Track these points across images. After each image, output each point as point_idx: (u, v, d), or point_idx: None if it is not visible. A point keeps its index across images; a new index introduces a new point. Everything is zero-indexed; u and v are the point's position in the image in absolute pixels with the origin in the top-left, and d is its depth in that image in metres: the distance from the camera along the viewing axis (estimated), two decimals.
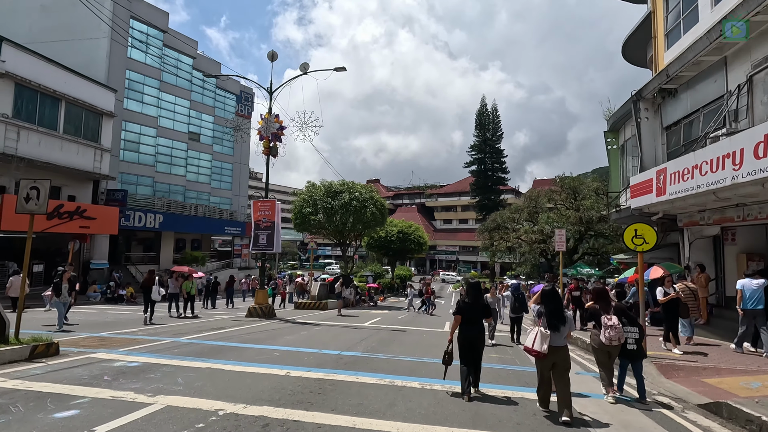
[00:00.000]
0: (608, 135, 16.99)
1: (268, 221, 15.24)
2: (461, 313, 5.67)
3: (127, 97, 28.56)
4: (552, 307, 5.06)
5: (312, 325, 13.30)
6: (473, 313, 5.67)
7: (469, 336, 5.60)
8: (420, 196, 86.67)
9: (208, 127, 38.61)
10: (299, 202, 24.40)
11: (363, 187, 25.04)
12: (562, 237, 14.12)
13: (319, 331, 11.87)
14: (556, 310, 5.04)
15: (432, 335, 11.94)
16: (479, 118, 62.91)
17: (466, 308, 5.68)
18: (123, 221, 25.48)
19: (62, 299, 10.54)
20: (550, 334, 4.89)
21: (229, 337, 10.04)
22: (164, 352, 7.67)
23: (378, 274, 41.95)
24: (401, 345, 9.90)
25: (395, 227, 39.98)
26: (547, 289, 5.28)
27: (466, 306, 5.70)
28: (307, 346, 9.12)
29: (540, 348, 4.85)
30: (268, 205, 15.39)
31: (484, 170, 61.41)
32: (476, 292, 5.85)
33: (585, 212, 29.52)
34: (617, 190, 16.60)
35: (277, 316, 15.74)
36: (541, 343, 4.87)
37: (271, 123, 15.53)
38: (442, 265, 76.26)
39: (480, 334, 5.69)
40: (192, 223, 33.65)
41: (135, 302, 21.35)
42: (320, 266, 72.69)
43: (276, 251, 15.58)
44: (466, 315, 5.65)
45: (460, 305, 5.75)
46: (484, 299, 6.47)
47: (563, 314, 5.03)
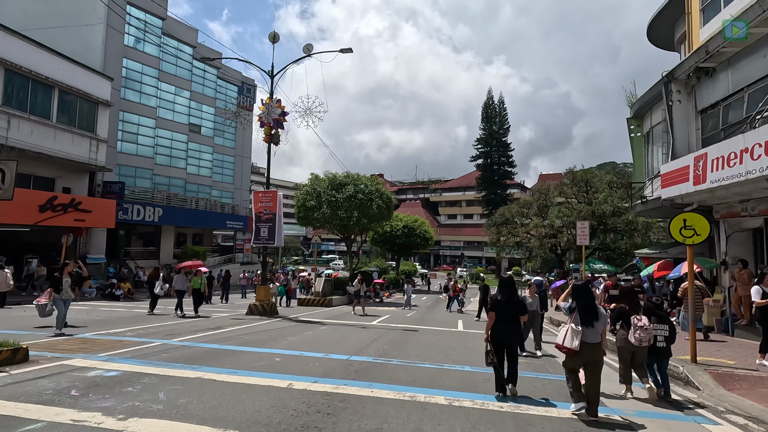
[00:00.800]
0: (632, 122, 15.92)
1: (270, 213, 14.31)
2: (495, 310, 5.49)
3: (124, 86, 27.62)
4: (585, 302, 4.88)
5: (317, 324, 12.39)
6: (508, 310, 5.50)
7: (504, 333, 5.45)
8: (424, 191, 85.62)
9: (209, 119, 37.65)
10: (302, 195, 23.48)
11: (368, 180, 24.09)
12: (585, 230, 13.12)
13: (325, 331, 10.96)
14: (589, 305, 4.87)
15: (447, 336, 11.01)
16: (486, 111, 61.65)
17: (500, 305, 5.50)
18: (121, 214, 24.63)
19: (63, 295, 9.06)
20: (582, 330, 4.72)
21: (227, 338, 9.14)
22: (150, 358, 6.77)
23: (383, 270, 41.05)
24: (415, 347, 8.97)
25: (400, 222, 39.03)
26: (580, 284, 5.13)
27: (501, 303, 5.52)
28: (312, 349, 8.21)
29: (571, 344, 4.69)
30: (270, 196, 14.46)
31: (490, 164, 60.23)
32: (510, 289, 5.68)
33: (598, 206, 28.43)
34: (641, 180, 15.57)
35: (279, 313, 14.86)
36: (572, 339, 4.71)
37: (272, 108, 14.56)
38: (446, 260, 75.39)
39: (516, 332, 5.54)
40: (193, 217, 32.78)
41: (133, 298, 20.54)
42: (324, 261, 72.01)
43: (278, 245, 14.66)
44: (501, 312, 5.47)
45: (494, 302, 5.58)
46: (518, 295, 6.12)
47: (596, 310, 4.86)
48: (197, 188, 36.03)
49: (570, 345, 4.70)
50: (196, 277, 13.73)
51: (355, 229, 24.73)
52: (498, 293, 5.74)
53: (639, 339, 5.41)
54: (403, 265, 46.31)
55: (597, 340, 4.79)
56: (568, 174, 32.58)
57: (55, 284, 9.15)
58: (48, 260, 20.15)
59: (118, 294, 20.20)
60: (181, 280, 13.47)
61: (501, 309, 5.46)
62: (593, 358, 4.77)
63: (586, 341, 4.70)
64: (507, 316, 5.45)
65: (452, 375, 6.58)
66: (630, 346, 5.53)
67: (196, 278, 13.70)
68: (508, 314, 5.47)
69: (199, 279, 13.78)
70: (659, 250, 13.87)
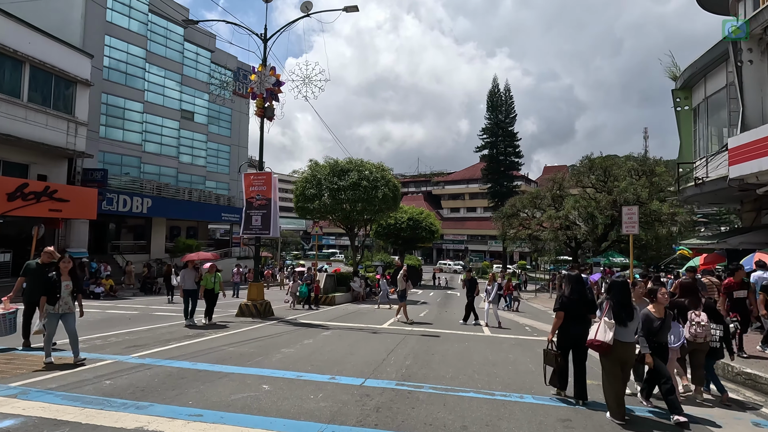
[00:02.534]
0: (678, 94, 13.90)
1: (263, 198, 12.33)
2: (565, 309, 5.14)
3: (108, 66, 25.51)
4: (620, 298, 4.67)
5: (318, 329, 10.44)
6: (579, 309, 5.14)
7: (574, 334, 5.07)
8: (426, 184, 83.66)
9: (203, 105, 35.59)
10: (301, 183, 21.46)
11: (373, 166, 22.03)
12: (634, 216, 11.11)
13: (329, 339, 9.01)
14: (626, 302, 4.66)
15: (477, 343, 9.06)
16: (491, 100, 59.28)
17: (570, 304, 5.14)
18: (104, 205, 22.65)
19: (61, 308, 5.91)
20: (615, 326, 4.51)
21: (205, 351, 7.19)
22: (86, 388, 4.82)
23: (388, 264, 39.14)
24: (445, 363, 7.02)
25: (405, 214, 37.04)
26: (619, 280, 4.90)
27: (571, 301, 5.15)
28: (314, 367, 6.26)
29: (604, 337, 4.50)
30: (263, 178, 12.46)
31: (496, 154, 57.96)
32: (581, 286, 5.28)
33: (620, 195, 26.37)
34: (689, 160, 13.57)
35: (275, 314, 12.93)
36: (605, 332, 4.52)
37: (265, 77, 12.53)
38: (449, 254, 73.63)
39: (586, 332, 4.93)
40: (186, 209, 30.76)
41: (115, 296, 18.62)
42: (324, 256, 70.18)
43: (273, 236, 12.70)
44: (571, 311, 5.11)
45: (564, 300, 5.20)
46: (588, 293, 5.50)
47: (632, 308, 4.67)
48: (191, 178, 34.06)
49: (603, 338, 4.49)
50: (209, 274, 10.62)
51: (360, 221, 22.74)
52: (569, 291, 5.23)
53: (694, 335, 5.34)
54: (407, 260, 44.38)
55: (631, 339, 4.61)
56: (584, 161, 30.42)
57: (48, 290, 5.87)
58: (24, 255, 18.22)
59: (99, 292, 18.25)
60: (189, 277, 10.43)
61: (571, 307, 5.09)
62: (629, 358, 4.61)
63: (620, 339, 4.52)
64: (577, 315, 5.09)
65: (514, 412, 4.63)
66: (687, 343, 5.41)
67: (209, 275, 10.60)
68: (579, 312, 5.10)
69: (212, 276, 10.64)
70: (717, 240, 11.89)
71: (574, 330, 5.04)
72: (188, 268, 10.75)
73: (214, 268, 10.82)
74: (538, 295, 27.19)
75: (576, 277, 5.39)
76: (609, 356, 4.54)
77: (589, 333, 4.71)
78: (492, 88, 59.70)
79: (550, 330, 5.43)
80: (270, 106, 12.82)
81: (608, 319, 4.59)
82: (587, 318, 5.13)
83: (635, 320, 4.62)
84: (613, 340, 4.45)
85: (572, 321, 5.07)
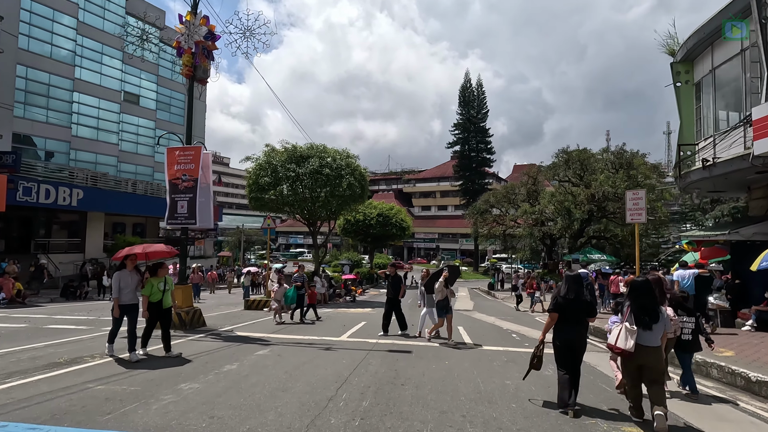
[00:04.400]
0: (678, 67, 12.34)
1: (190, 179, 9.78)
2: (559, 311, 4.67)
3: (27, 34, 21.93)
4: (643, 301, 4.37)
5: (255, 345, 8.05)
6: (574, 311, 4.64)
7: (569, 338, 4.65)
8: (397, 182, 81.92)
9: (150, 88, 32.19)
10: (255, 170, 18.86)
11: (337, 153, 19.69)
12: (640, 201, 9.33)
13: (261, 362, 6.65)
14: (649, 304, 4.33)
15: (462, 360, 6.92)
16: (463, 95, 58.02)
17: (565, 305, 4.64)
18: (20, 195, 19.26)
19: None
20: (637, 331, 4.24)
21: (53, 394, 4.69)
22: None
23: (355, 263, 36.82)
24: (422, 400, 4.83)
25: (375, 209, 34.90)
26: (639, 280, 4.59)
27: (566, 302, 4.64)
28: (209, 425, 3.92)
29: (625, 345, 4.25)
30: (190, 154, 9.91)
31: (468, 151, 56.73)
32: (578, 287, 4.73)
33: (598, 189, 25.19)
34: (691, 141, 12.03)
35: (207, 325, 10.41)
36: (626, 338, 4.26)
37: (195, 27, 9.98)
38: (420, 253, 72.19)
39: (582, 337, 4.70)
40: (129, 203, 27.32)
41: (24, 303, 15.42)
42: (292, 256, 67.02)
43: (203, 226, 10.16)
44: (565, 313, 4.63)
45: (558, 301, 4.69)
46: (586, 295, 4.82)
47: (657, 309, 4.32)
48: (136, 169, 30.58)
49: (624, 345, 4.26)
50: (154, 279, 6.81)
51: (322, 214, 20.35)
52: (564, 290, 4.70)
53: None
54: (377, 258, 42.24)
55: (656, 343, 4.28)
56: (560, 154, 29.17)
57: None
58: None
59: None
60: (127, 283, 6.62)
61: (566, 309, 4.63)
62: (650, 363, 4.25)
63: (642, 344, 4.25)
64: (572, 317, 4.64)
65: None
66: None
67: (154, 281, 6.79)
68: (574, 315, 4.64)
69: (158, 282, 6.81)
70: (728, 230, 10.32)
71: (568, 333, 4.67)
72: (126, 270, 6.66)
73: (166, 270, 7.06)
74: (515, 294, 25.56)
75: (574, 276, 4.87)
76: (629, 360, 4.35)
77: (612, 338, 4.45)
78: (464, 83, 58.51)
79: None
80: (203, 65, 10.28)
81: (629, 324, 4.32)
82: (584, 321, 4.74)
83: (661, 322, 4.30)
84: (636, 346, 4.23)
85: (566, 324, 4.68)
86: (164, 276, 6.93)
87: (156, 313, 6.83)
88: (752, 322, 10.11)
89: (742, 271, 11.09)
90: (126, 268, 6.69)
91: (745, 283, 10.66)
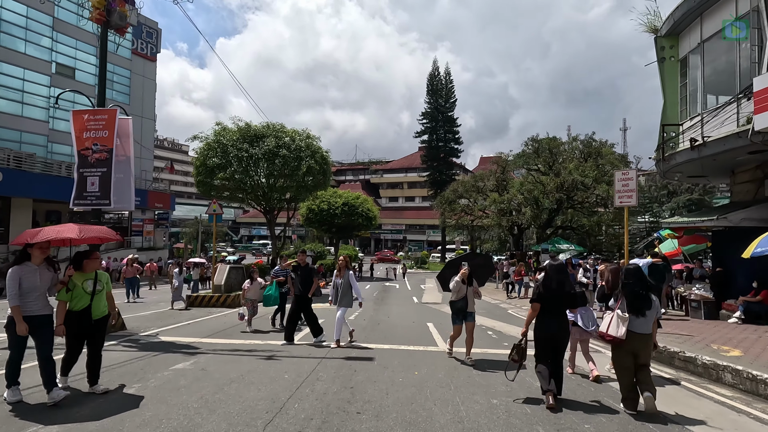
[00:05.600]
0: (663, 41, 11.51)
1: (103, 149, 7.91)
2: (541, 301, 4.52)
3: None
4: (636, 287, 4.32)
5: (175, 356, 6.42)
6: (556, 302, 4.53)
7: (550, 329, 4.47)
8: (364, 172, 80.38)
9: (89, 60, 28.97)
10: (203, 150, 16.82)
11: (296, 133, 17.93)
12: (630, 182, 8.34)
13: (170, 383, 5.06)
14: (641, 291, 4.30)
15: (436, 370, 5.61)
16: (431, 83, 56.82)
17: (547, 296, 4.50)
18: None
19: None
20: (629, 318, 4.20)
21: None
22: None
23: (318, 254, 35.11)
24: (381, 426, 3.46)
25: (340, 198, 33.30)
26: (631, 267, 4.56)
27: (548, 293, 4.51)
28: None
29: (617, 332, 4.22)
30: (103, 119, 8.01)
31: (436, 140, 55.75)
32: (562, 276, 4.60)
33: (567, 176, 24.72)
34: (676, 121, 11.25)
35: (128, 327, 8.64)
36: (618, 326, 4.23)
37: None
38: (387, 244, 71.30)
39: (562, 330, 4.54)
40: (62, 188, 24.20)
41: None
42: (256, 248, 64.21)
43: (120, 207, 8.33)
44: (547, 304, 4.51)
45: (540, 291, 4.57)
46: (570, 285, 4.74)
47: (649, 297, 4.29)
48: (71, 150, 27.40)
49: (615, 333, 4.23)
50: (80, 276, 4.55)
51: (276, 200, 18.57)
52: (547, 280, 4.55)
53: None
54: (342, 250, 40.68)
55: (648, 331, 4.25)
56: (530, 142, 28.56)
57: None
58: None
59: None
60: (34, 285, 4.22)
61: (548, 300, 4.49)
62: (641, 350, 4.23)
63: (636, 331, 4.21)
64: (554, 308, 4.52)
65: None
66: None
67: (80, 278, 4.53)
68: (556, 306, 4.53)
69: (87, 280, 4.55)
70: (716, 216, 9.57)
71: (550, 325, 4.50)
72: (29, 264, 4.27)
73: (97, 263, 4.74)
74: (486, 285, 24.84)
75: (557, 266, 4.72)
76: (621, 348, 4.29)
77: (603, 326, 4.42)
78: (432, 71, 57.36)
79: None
80: (119, 9, 8.36)
81: (621, 312, 4.27)
82: (564, 312, 4.67)
83: (654, 309, 4.26)
84: (627, 333, 4.17)
85: (548, 314, 4.52)
86: (95, 270, 4.63)
87: (80, 327, 4.44)
88: (739, 314, 9.44)
89: (725, 259, 10.47)
90: (30, 260, 4.27)
91: (727, 272, 10.00)
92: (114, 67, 31.56)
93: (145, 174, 34.45)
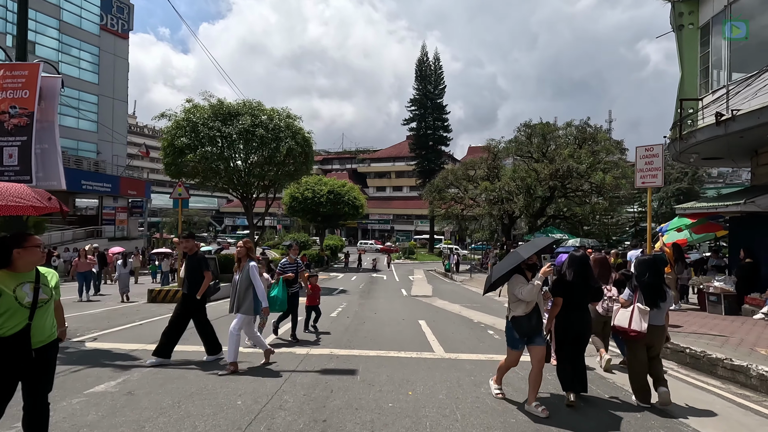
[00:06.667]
0: (681, 7, 10.32)
1: (22, 114, 6.39)
2: (564, 295, 4.16)
3: None
4: (652, 280, 4.19)
5: (101, 372, 5.06)
6: (580, 296, 4.19)
7: (574, 324, 4.18)
8: (351, 161, 78.68)
9: (51, 35, 26.85)
10: (171, 130, 15.18)
11: (275, 111, 16.39)
12: (655, 159, 7.19)
13: (72, 419, 3.71)
14: (657, 283, 4.21)
15: (437, 390, 4.38)
16: (420, 68, 55.15)
17: (570, 289, 4.16)
18: None
19: None
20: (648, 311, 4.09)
21: None
22: None
23: (302, 244, 33.63)
24: None
25: (325, 186, 31.79)
26: (647, 258, 4.39)
27: (571, 286, 4.16)
28: None
29: (640, 327, 4.07)
30: (22, 76, 6.48)
31: (424, 128, 54.33)
32: (585, 269, 4.21)
33: (562, 163, 23.70)
34: (695, 96, 10.13)
35: None
36: (640, 320, 4.08)
37: None
38: (375, 234, 70.11)
39: (587, 323, 4.27)
40: None
41: None
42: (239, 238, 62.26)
43: (47, 185, 6.79)
44: (570, 297, 4.15)
45: (563, 284, 4.22)
46: (594, 279, 4.38)
47: (663, 289, 4.22)
48: None
49: (639, 327, 4.08)
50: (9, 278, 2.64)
51: (258, 186, 17.06)
52: (572, 275, 4.17)
53: (606, 309, 5.30)
54: (328, 240, 39.32)
55: (661, 322, 4.20)
56: (523, 128, 27.41)
57: None
58: None
59: None
60: None
61: (571, 293, 4.15)
62: (656, 341, 4.18)
63: (653, 323, 4.12)
64: (577, 302, 4.17)
65: None
66: (600, 316, 5.32)
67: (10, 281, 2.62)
68: (580, 300, 4.19)
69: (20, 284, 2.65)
70: (743, 200, 8.50)
71: (574, 319, 4.17)
72: None
73: (38, 257, 2.77)
74: (473, 276, 23.83)
75: (580, 258, 4.24)
76: (638, 342, 4.16)
77: (621, 320, 4.27)
78: (421, 57, 55.68)
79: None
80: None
81: (642, 305, 4.13)
82: (587, 306, 4.30)
83: (668, 301, 4.24)
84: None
85: (571, 309, 4.16)
86: (33, 269, 2.77)
87: (11, 362, 2.58)
88: (767, 310, 8.45)
89: (750, 248, 9.45)
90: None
91: (757, 263, 8.99)
92: (80, 43, 29.41)
93: (117, 159, 32.41)
